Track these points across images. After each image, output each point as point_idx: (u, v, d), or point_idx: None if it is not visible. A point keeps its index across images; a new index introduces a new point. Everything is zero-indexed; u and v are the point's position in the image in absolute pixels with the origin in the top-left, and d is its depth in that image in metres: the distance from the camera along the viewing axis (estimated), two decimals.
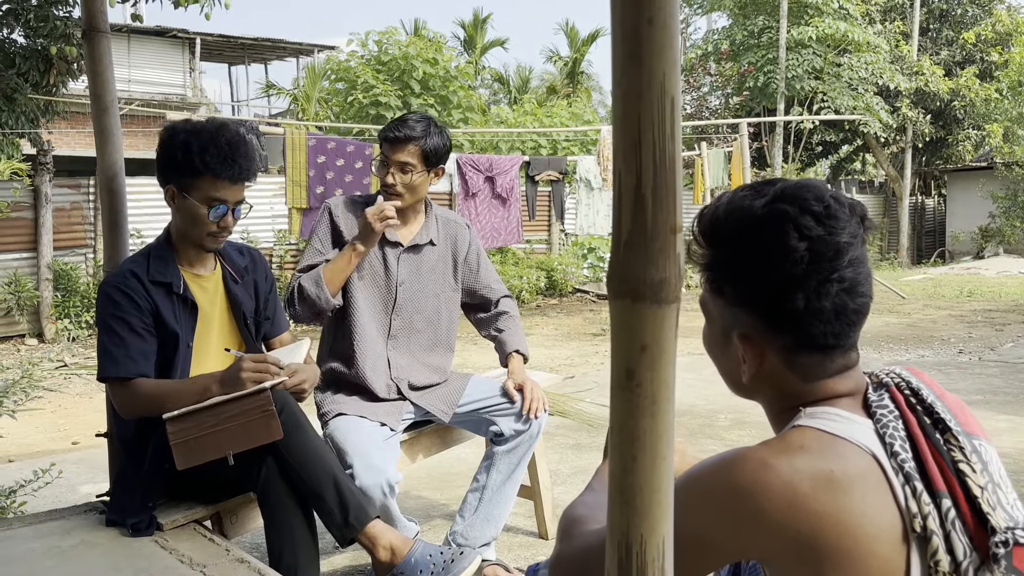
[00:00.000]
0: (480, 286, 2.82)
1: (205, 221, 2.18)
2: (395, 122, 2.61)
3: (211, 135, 2.16)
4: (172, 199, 2.21)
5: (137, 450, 2.19)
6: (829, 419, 1.04)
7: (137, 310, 2.12)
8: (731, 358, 1.12)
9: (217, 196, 2.16)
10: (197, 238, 2.22)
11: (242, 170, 2.18)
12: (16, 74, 7.94)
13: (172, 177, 2.19)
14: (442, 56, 14.23)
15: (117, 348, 2.09)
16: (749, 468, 0.98)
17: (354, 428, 2.41)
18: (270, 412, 2.02)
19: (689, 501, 1.01)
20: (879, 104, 16.70)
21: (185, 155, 2.14)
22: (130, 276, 2.15)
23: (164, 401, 2.09)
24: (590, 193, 9.48)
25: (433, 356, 2.71)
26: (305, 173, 7.83)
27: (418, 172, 2.58)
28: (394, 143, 2.56)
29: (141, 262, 2.19)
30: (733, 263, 1.08)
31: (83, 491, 3.80)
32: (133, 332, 2.11)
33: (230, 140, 2.17)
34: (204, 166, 2.13)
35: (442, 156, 2.63)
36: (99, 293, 2.18)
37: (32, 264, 8.95)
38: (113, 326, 2.11)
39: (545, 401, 2.62)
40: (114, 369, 2.10)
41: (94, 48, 2.37)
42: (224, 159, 2.14)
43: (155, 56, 21.48)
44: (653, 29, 0.76)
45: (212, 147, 2.13)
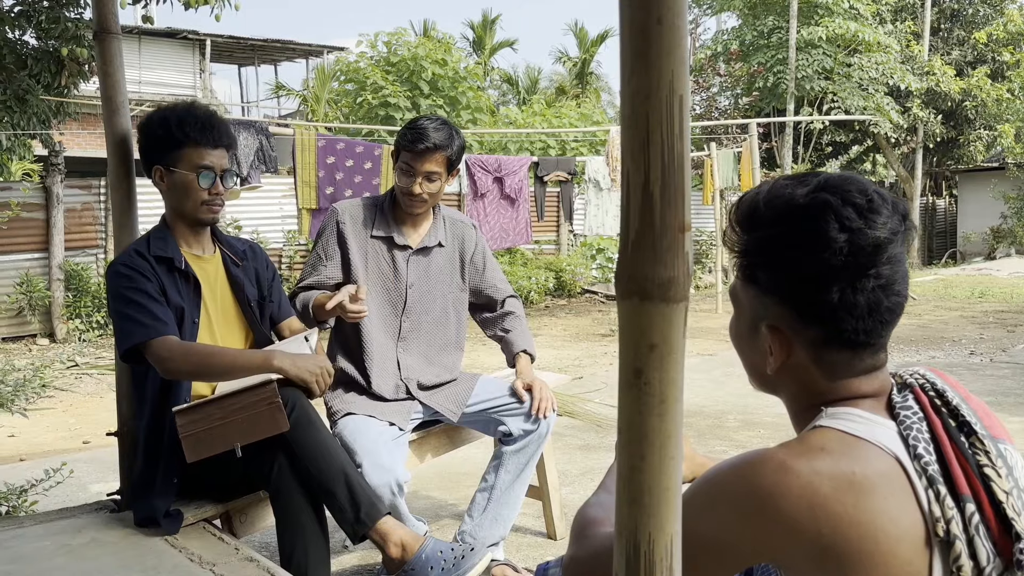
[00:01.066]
0: (486, 286, 2.83)
1: (196, 188, 2.22)
2: (415, 131, 2.55)
3: (185, 108, 2.25)
4: (161, 179, 2.25)
5: (157, 448, 2.19)
6: (851, 420, 1.02)
7: (148, 281, 2.14)
8: (757, 350, 1.10)
9: (203, 163, 2.22)
10: (192, 210, 2.25)
11: (221, 135, 2.25)
12: (28, 75, 7.98)
13: (156, 157, 2.24)
14: (451, 57, 14.24)
15: (140, 313, 2.09)
16: (769, 470, 0.96)
17: (363, 428, 2.41)
18: (276, 404, 2.03)
19: (706, 503, 1.00)
20: (890, 104, 16.63)
21: (165, 130, 2.20)
22: (134, 254, 2.18)
23: (212, 359, 2.11)
24: (599, 193, 9.47)
25: (443, 356, 2.71)
26: (315, 174, 7.84)
27: (442, 179, 2.60)
28: (422, 154, 2.54)
29: (142, 243, 2.23)
30: (770, 249, 1.06)
31: (94, 490, 3.82)
32: (151, 298, 2.12)
33: (204, 111, 2.27)
34: (185, 136, 2.20)
35: (460, 158, 2.65)
36: (107, 275, 2.20)
37: (44, 264, 9.00)
38: (130, 296, 2.11)
39: (553, 401, 2.62)
40: (143, 333, 2.07)
41: (105, 49, 2.38)
42: (203, 126, 2.22)
43: (165, 57, 21.57)
44: (662, 29, 0.76)
45: (189, 117, 2.21)
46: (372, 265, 2.64)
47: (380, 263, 2.64)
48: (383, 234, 2.65)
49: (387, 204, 2.69)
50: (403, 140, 2.59)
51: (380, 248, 2.66)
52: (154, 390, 2.19)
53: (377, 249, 2.65)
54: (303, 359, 2.15)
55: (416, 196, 2.57)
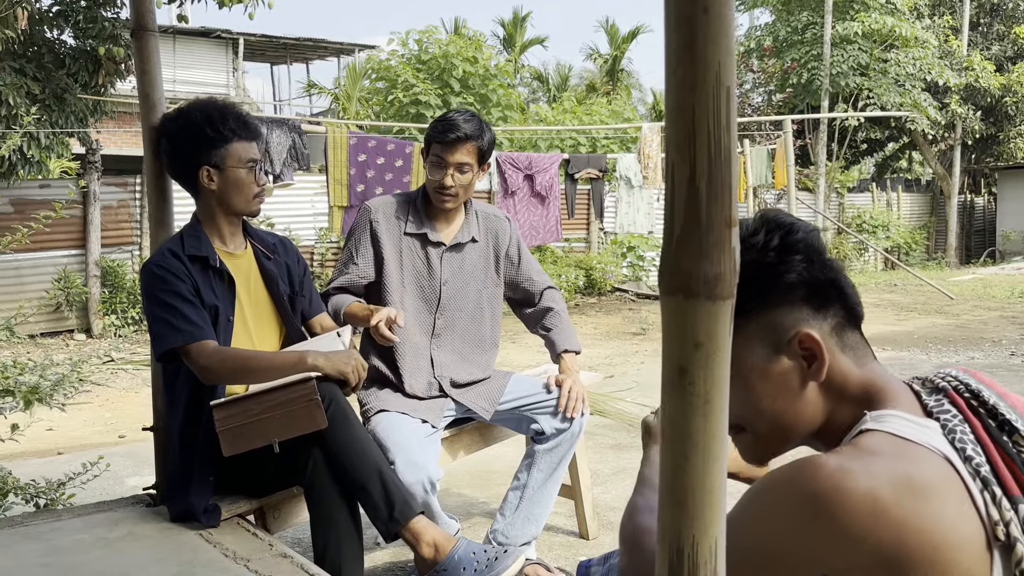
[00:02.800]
0: (522, 279, 2.81)
1: (251, 182, 2.26)
2: (445, 123, 2.57)
3: (215, 106, 2.27)
4: (209, 179, 2.24)
5: (193, 443, 2.20)
6: (898, 422, 0.99)
7: (182, 283, 2.15)
8: (790, 385, 1.06)
9: (250, 156, 2.25)
10: (245, 205, 2.28)
11: (255, 128, 2.30)
12: (66, 74, 8.12)
13: (204, 157, 2.23)
14: (482, 54, 14.24)
15: (176, 318, 2.10)
16: (824, 474, 0.92)
17: (396, 425, 2.41)
18: (315, 401, 2.04)
19: (758, 512, 0.96)
20: (927, 101, 16.35)
21: (213, 128, 2.21)
22: (168, 254, 2.18)
23: (250, 363, 2.12)
24: (630, 191, 9.41)
25: (477, 353, 2.70)
26: (346, 171, 7.88)
27: (474, 171, 2.59)
28: (452, 144, 2.54)
29: (175, 241, 2.24)
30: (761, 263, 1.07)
31: (129, 484, 3.86)
32: (186, 301, 2.13)
33: (231, 105, 2.32)
34: (232, 132, 2.22)
35: (491, 151, 2.64)
36: (142, 275, 2.20)
37: (81, 261, 9.14)
38: (164, 299, 2.12)
39: (585, 400, 2.60)
40: (179, 338, 2.09)
41: (143, 47, 2.40)
42: (240, 121, 2.26)
43: (199, 56, 21.79)
44: (709, 18, 0.74)
45: (228, 113, 2.25)
46: (406, 262, 2.63)
47: (414, 260, 2.64)
48: (416, 231, 2.65)
49: (420, 200, 2.69)
50: (433, 132, 2.59)
51: (414, 245, 2.65)
52: (188, 386, 2.20)
53: (411, 246, 2.65)
54: (337, 354, 2.15)
55: (448, 189, 2.57)
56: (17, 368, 2.72)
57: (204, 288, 2.20)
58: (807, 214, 15.95)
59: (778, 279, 1.05)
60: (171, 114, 2.28)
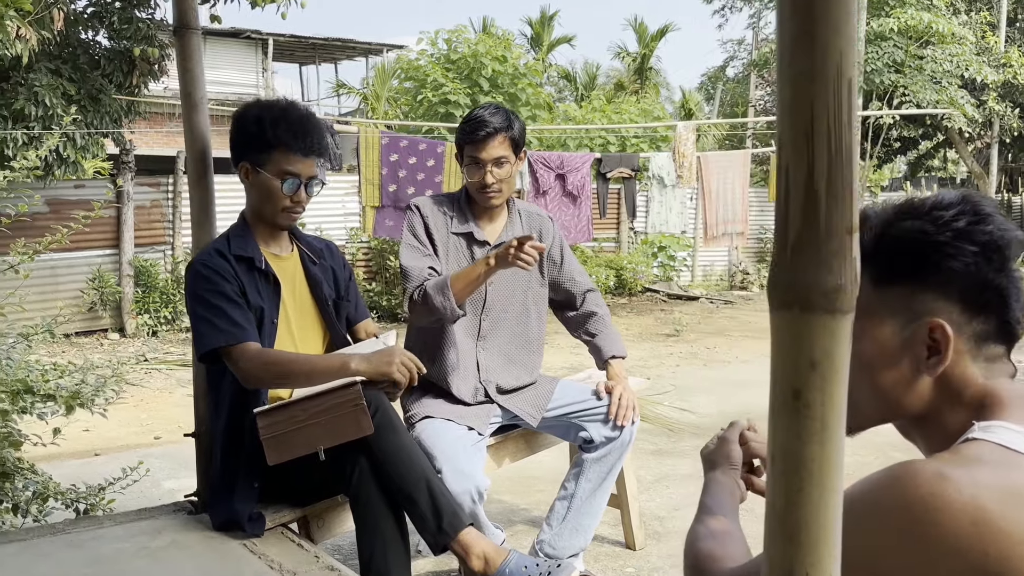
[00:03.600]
0: (564, 279, 2.74)
1: (279, 195, 2.17)
2: (472, 122, 2.50)
3: (282, 110, 2.18)
4: (246, 175, 2.20)
5: (238, 450, 2.16)
6: (1006, 433, 0.92)
7: (227, 283, 2.10)
8: (898, 364, 1.00)
9: (289, 169, 2.16)
10: (271, 215, 2.21)
11: (313, 143, 2.18)
12: (101, 75, 8.16)
13: (246, 153, 2.19)
14: (511, 53, 14.17)
15: (219, 318, 2.05)
16: (923, 480, 0.86)
17: (442, 432, 2.35)
18: (360, 407, 1.98)
19: (851, 521, 0.90)
20: (964, 98, 16.04)
21: (258, 129, 2.15)
22: (215, 254, 2.15)
23: (292, 367, 2.06)
24: (663, 190, 9.29)
25: (523, 356, 2.64)
26: (378, 171, 7.84)
27: (511, 163, 2.52)
28: (484, 141, 2.48)
29: (222, 241, 2.20)
30: (933, 236, 0.99)
31: (167, 486, 3.84)
32: (231, 301, 2.08)
33: (300, 115, 2.20)
34: (276, 139, 2.14)
35: (523, 139, 2.57)
36: (187, 274, 2.16)
37: (114, 261, 9.20)
38: (208, 299, 2.08)
39: (636, 408, 2.52)
40: (221, 338, 2.04)
41: (185, 45, 2.36)
42: (295, 132, 2.15)
43: (229, 57, 21.93)
44: (829, 4, 0.67)
45: (283, 121, 2.15)
46: (452, 262, 2.57)
47: (460, 259, 2.58)
48: (463, 230, 2.59)
49: (463, 200, 2.63)
50: (462, 134, 2.53)
51: (460, 244, 2.59)
52: (232, 391, 2.15)
53: (457, 245, 2.59)
54: (378, 355, 2.08)
55: (490, 187, 2.50)
56: (58, 370, 2.70)
57: (250, 289, 2.16)
58: None
59: (941, 260, 0.99)
60: (246, 103, 2.26)
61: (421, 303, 2.44)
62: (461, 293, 2.41)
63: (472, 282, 2.41)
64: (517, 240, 2.29)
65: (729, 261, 14.28)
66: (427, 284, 2.43)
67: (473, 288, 2.44)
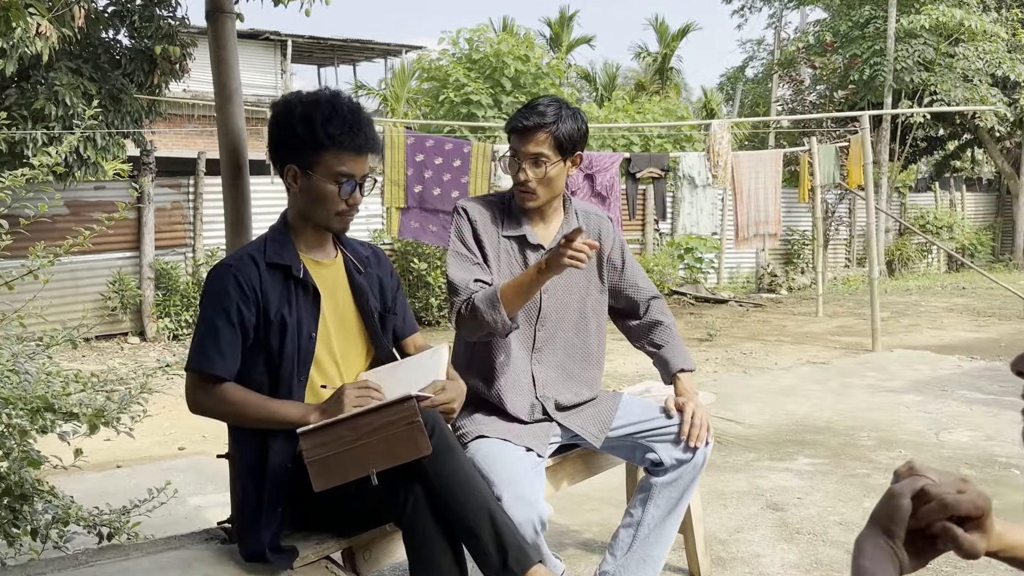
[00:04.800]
0: (626, 285, 2.52)
1: (335, 199, 1.97)
2: (523, 110, 2.31)
3: (330, 104, 1.96)
4: (294, 179, 2.00)
5: (260, 475, 1.97)
6: None
7: (241, 297, 1.92)
8: None
9: (344, 170, 1.95)
10: (324, 219, 2.01)
11: (367, 140, 1.98)
12: (122, 75, 8.02)
13: (292, 155, 1.98)
14: (533, 53, 13.97)
15: (208, 338, 1.92)
16: None
17: (499, 453, 2.13)
18: (416, 424, 1.78)
19: None
20: (996, 96, 15.68)
21: (307, 128, 1.93)
22: (247, 260, 1.97)
23: (245, 410, 1.93)
24: (694, 191, 9.03)
25: (581, 370, 2.42)
26: (403, 172, 7.64)
27: (552, 163, 2.28)
28: (523, 133, 2.27)
29: (259, 246, 2.02)
30: None
31: (192, 503, 3.65)
32: (229, 324, 1.91)
33: (351, 108, 1.98)
34: (329, 139, 1.92)
35: (578, 142, 2.33)
36: (210, 273, 1.99)
37: (135, 263, 9.06)
38: (208, 314, 1.94)
39: (710, 428, 2.30)
40: (196, 359, 1.93)
41: (219, 30, 2.17)
42: (349, 129, 1.94)
43: (248, 58, 21.82)
44: None
45: (335, 117, 1.93)
46: (504, 268, 2.36)
47: (512, 265, 2.36)
48: (514, 233, 2.37)
49: (514, 202, 2.42)
50: (508, 123, 2.32)
51: (512, 248, 2.38)
52: None
53: (509, 250, 2.37)
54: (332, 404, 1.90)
55: (524, 185, 2.29)
56: (80, 382, 2.51)
57: (279, 299, 1.96)
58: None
59: None
60: (284, 97, 2.04)
61: (470, 317, 2.23)
62: (513, 305, 2.20)
63: (524, 291, 2.20)
64: (565, 237, 2.08)
65: (757, 263, 14.00)
66: (475, 297, 2.22)
67: (526, 298, 2.23)
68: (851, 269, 15.45)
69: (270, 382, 1.98)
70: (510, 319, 2.20)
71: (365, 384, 1.94)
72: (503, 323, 2.19)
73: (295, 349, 1.98)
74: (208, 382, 1.93)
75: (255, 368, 1.98)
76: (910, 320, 9.67)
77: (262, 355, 1.97)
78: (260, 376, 1.98)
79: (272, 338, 1.96)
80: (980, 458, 4.03)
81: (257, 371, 1.98)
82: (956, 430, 4.61)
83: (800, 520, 3.29)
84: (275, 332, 1.96)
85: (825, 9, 19.83)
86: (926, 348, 7.55)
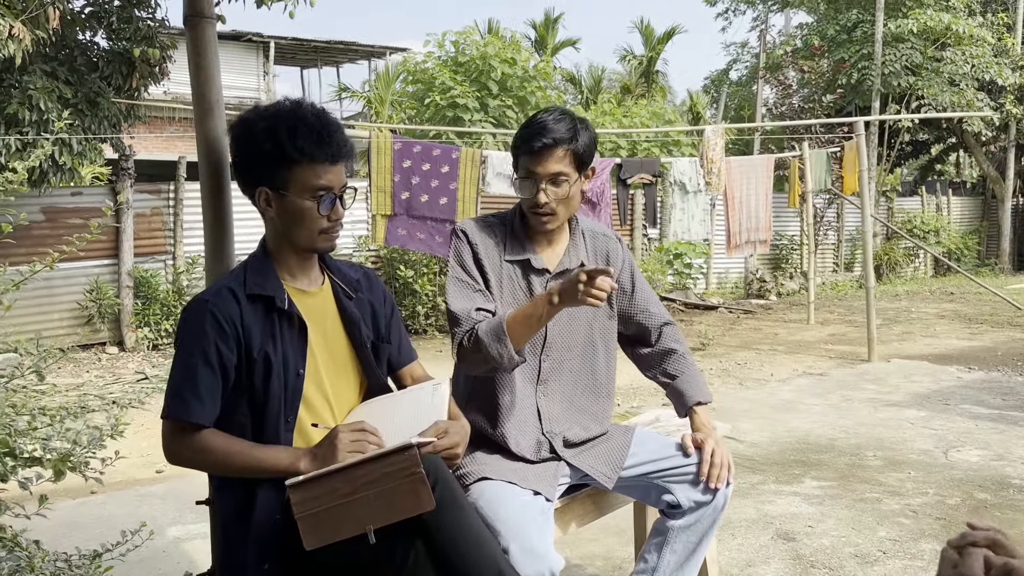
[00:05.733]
0: (636, 311, 2.35)
1: (315, 217, 1.80)
2: (530, 128, 2.11)
3: (294, 114, 1.78)
4: (267, 203, 1.82)
5: (245, 527, 1.79)
6: None
7: (220, 335, 1.74)
8: None
9: (320, 184, 1.78)
10: (307, 241, 1.84)
11: (340, 147, 1.80)
12: (99, 78, 7.78)
13: (262, 177, 1.80)
14: (520, 56, 13.81)
15: (185, 382, 1.73)
16: None
17: (504, 499, 1.96)
18: (417, 476, 1.61)
19: None
20: (983, 100, 15.67)
21: (273, 144, 1.75)
22: (224, 292, 1.78)
23: (229, 460, 1.75)
24: (685, 197, 8.89)
25: (590, 402, 2.25)
26: (390, 178, 7.46)
27: (573, 181, 2.12)
28: (540, 154, 2.09)
29: (238, 276, 1.83)
30: None
31: (171, 535, 3.45)
32: (207, 364, 1.73)
33: (317, 115, 1.80)
34: (299, 152, 1.75)
35: (592, 155, 2.17)
36: (184, 311, 1.81)
37: (113, 271, 8.81)
38: (186, 354, 1.75)
39: (731, 467, 2.13)
40: (173, 407, 1.74)
41: (198, 36, 1.98)
42: (318, 138, 1.76)
43: (230, 60, 21.56)
44: None
45: (302, 127, 1.75)
46: (506, 294, 2.18)
47: (515, 291, 2.19)
48: (518, 257, 2.20)
49: (516, 221, 2.24)
50: (518, 141, 2.13)
51: (515, 273, 2.20)
52: None
53: (512, 275, 2.20)
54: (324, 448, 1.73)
55: (544, 208, 2.12)
56: (47, 416, 2.32)
57: (262, 335, 1.78)
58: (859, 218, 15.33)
59: None
60: (240, 116, 1.84)
61: (473, 350, 2.05)
62: (520, 337, 2.04)
63: (533, 324, 2.03)
64: (587, 273, 1.91)
65: (745, 268, 13.90)
66: (479, 328, 2.05)
67: (534, 331, 2.06)
68: (839, 274, 15.40)
69: (254, 426, 1.80)
70: (516, 353, 2.04)
71: (361, 427, 1.76)
72: (509, 357, 2.02)
73: (281, 388, 1.80)
74: (186, 431, 1.74)
75: (237, 411, 1.79)
76: (902, 327, 9.57)
77: (245, 397, 1.79)
78: (243, 419, 1.80)
79: (255, 378, 1.79)
80: (993, 480, 3.89)
81: (239, 414, 1.80)
82: (964, 448, 4.48)
83: (813, 552, 3.13)
84: (259, 371, 1.78)
85: (809, 12, 19.79)
86: (922, 358, 7.44)
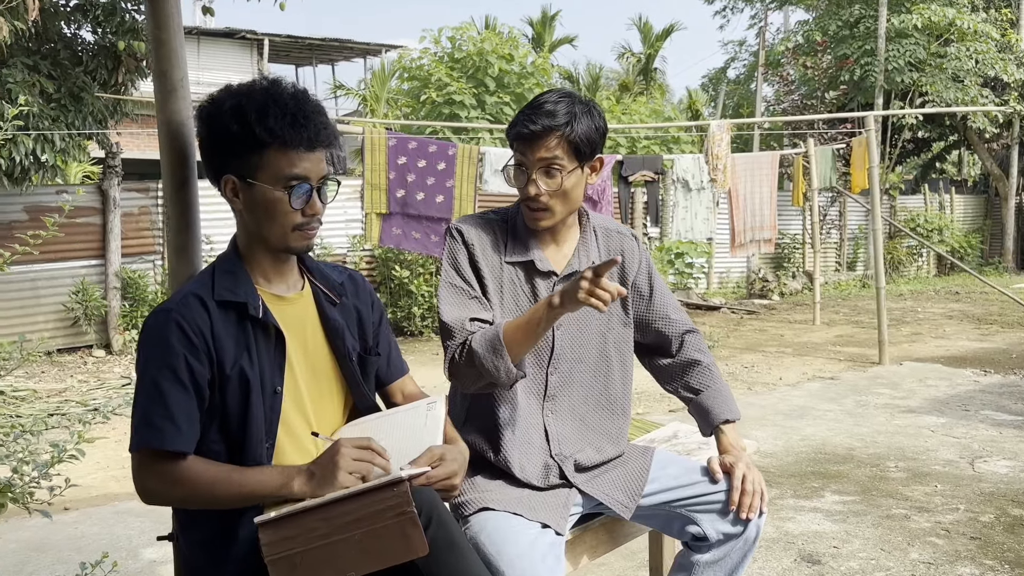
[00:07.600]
0: (655, 317, 2.10)
1: (286, 209, 1.55)
2: (527, 110, 1.87)
3: (267, 93, 1.54)
4: (235, 193, 1.58)
5: (207, 556, 1.57)
6: None
7: (189, 349, 1.49)
8: None
9: (293, 172, 1.54)
10: (280, 238, 1.59)
11: (319, 131, 1.55)
12: (84, 72, 7.52)
13: (229, 162, 1.56)
14: (518, 52, 13.58)
15: (154, 405, 1.47)
16: None
17: (509, 534, 1.72)
18: (408, 516, 1.38)
19: None
20: (987, 96, 15.46)
21: (240, 125, 1.51)
22: (190, 299, 1.54)
23: (214, 490, 1.48)
24: (688, 195, 8.66)
25: (603, 420, 2.00)
26: (384, 176, 7.22)
27: (568, 171, 1.87)
28: (531, 139, 1.85)
29: (205, 281, 1.59)
30: None
31: (146, 557, 3.21)
32: (178, 382, 1.48)
33: (294, 95, 1.56)
34: (269, 133, 1.51)
35: (597, 143, 1.91)
36: (144, 324, 1.55)
37: (100, 272, 8.55)
38: (152, 372, 1.49)
39: (765, 495, 1.89)
40: (143, 436, 1.47)
41: (158, 9, 1.74)
42: (292, 119, 1.52)
43: (223, 58, 21.39)
44: None
45: (274, 107, 1.51)
46: (508, 299, 1.94)
47: (518, 296, 1.95)
48: (520, 258, 1.96)
49: (519, 219, 2.00)
50: (511, 127, 1.89)
51: (517, 276, 1.96)
52: None
53: (514, 278, 1.96)
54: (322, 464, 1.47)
55: (535, 200, 1.87)
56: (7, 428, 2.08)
57: (234, 347, 1.54)
58: (862, 216, 15.12)
59: None
60: (210, 94, 1.59)
61: (466, 365, 1.81)
62: (519, 348, 1.79)
63: (533, 332, 1.78)
64: (592, 271, 1.67)
65: (747, 267, 13.67)
66: (472, 340, 1.81)
67: (535, 340, 1.81)
68: (841, 273, 15.17)
69: (229, 452, 1.56)
70: (515, 366, 1.79)
71: (367, 444, 1.49)
72: (507, 371, 1.78)
73: (260, 408, 1.56)
74: (161, 461, 1.48)
75: (207, 436, 1.55)
76: (911, 328, 9.34)
77: (216, 421, 1.55)
78: (216, 447, 1.55)
79: (229, 397, 1.54)
80: None
81: (210, 440, 1.55)
82: (991, 459, 4.24)
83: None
84: (234, 389, 1.54)
85: (807, 10, 19.56)
86: (934, 360, 7.21)
